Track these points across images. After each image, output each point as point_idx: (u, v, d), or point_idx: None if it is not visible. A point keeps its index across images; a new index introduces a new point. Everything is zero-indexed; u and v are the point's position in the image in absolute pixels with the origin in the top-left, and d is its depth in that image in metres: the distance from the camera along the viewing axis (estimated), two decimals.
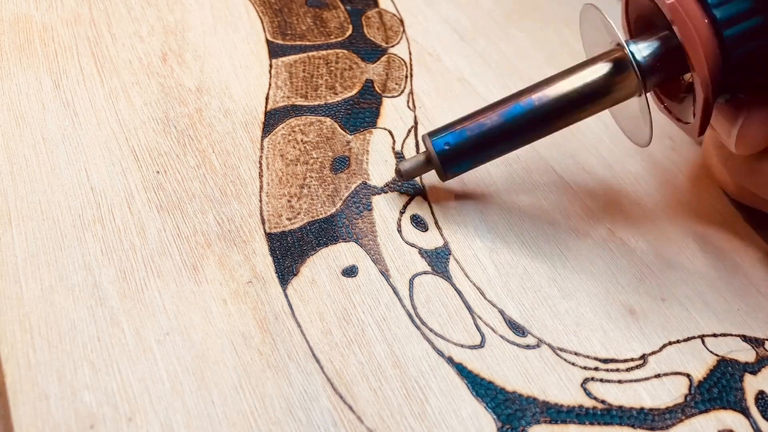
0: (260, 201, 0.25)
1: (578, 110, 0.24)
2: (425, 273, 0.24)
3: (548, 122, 0.25)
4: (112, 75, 0.28)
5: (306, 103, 0.29)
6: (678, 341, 0.24)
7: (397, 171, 0.25)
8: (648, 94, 0.24)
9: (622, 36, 0.24)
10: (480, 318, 0.23)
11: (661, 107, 0.27)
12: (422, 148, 0.28)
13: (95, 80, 0.28)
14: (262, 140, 0.27)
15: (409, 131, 0.29)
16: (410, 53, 0.32)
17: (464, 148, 0.24)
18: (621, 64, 0.24)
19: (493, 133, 0.24)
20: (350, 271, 0.24)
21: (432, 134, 0.25)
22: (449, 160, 0.25)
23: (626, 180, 0.29)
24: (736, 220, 0.29)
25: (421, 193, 0.27)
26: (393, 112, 0.29)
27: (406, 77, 0.31)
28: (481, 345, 0.23)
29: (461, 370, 0.22)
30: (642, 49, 0.24)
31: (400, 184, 0.27)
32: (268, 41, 0.31)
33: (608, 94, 0.24)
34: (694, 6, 0.22)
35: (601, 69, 0.24)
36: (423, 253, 0.25)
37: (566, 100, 0.24)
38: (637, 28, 0.26)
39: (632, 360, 0.24)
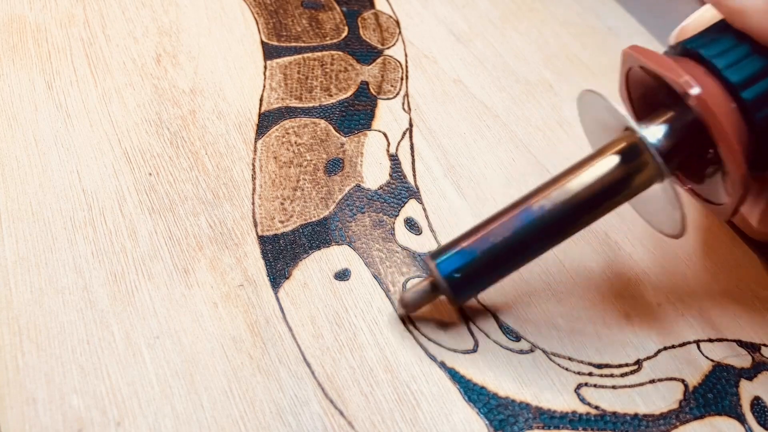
0: (253, 203, 0.25)
1: (596, 209, 0.22)
2: (418, 276, 0.24)
3: (565, 228, 0.22)
4: (106, 76, 0.28)
5: (300, 105, 0.28)
6: (673, 346, 0.24)
7: (402, 302, 0.22)
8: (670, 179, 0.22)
9: (632, 120, 0.21)
10: (473, 322, 0.23)
11: (686, 189, 0.24)
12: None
13: (88, 81, 0.28)
14: (255, 142, 0.27)
15: (404, 133, 0.29)
16: (406, 55, 0.32)
17: (476, 270, 0.21)
18: (635, 150, 0.21)
19: (506, 248, 0.21)
20: (343, 275, 0.24)
21: (435, 256, 0.22)
22: (461, 286, 0.22)
23: None
24: (732, 226, 0.28)
25: (415, 195, 0.26)
26: (388, 114, 0.29)
27: (402, 79, 0.31)
28: (474, 350, 0.23)
29: (454, 375, 0.22)
30: (655, 132, 0.21)
31: (394, 186, 0.26)
32: (263, 42, 0.31)
33: (627, 187, 0.21)
34: (720, 93, 0.20)
35: (614, 160, 0.21)
36: (417, 256, 0.25)
37: (582, 200, 0.21)
38: (642, 108, 0.24)
39: (627, 365, 0.23)
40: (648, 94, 0.23)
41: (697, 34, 0.22)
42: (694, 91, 0.20)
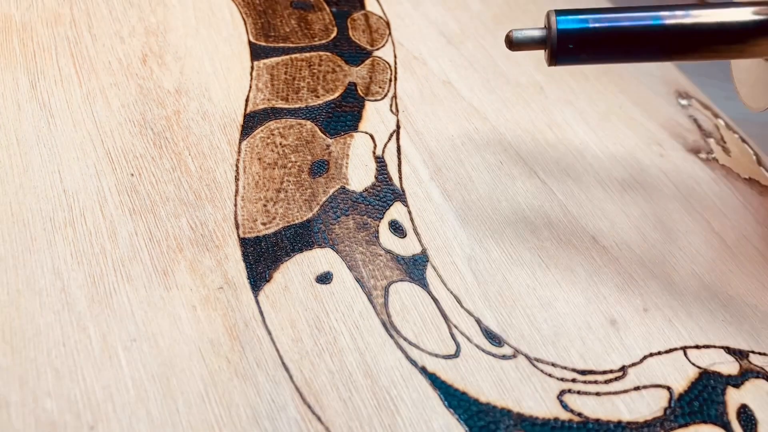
0: (235, 205, 0.25)
1: (717, 48, 0.23)
2: (401, 280, 0.24)
3: (686, 47, 0.23)
4: (91, 76, 0.28)
5: (286, 106, 0.28)
6: (659, 353, 0.24)
7: (508, 38, 0.23)
8: None
9: None
10: (456, 327, 0.23)
11: None
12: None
13: (73, 81, 0.27)
14: (239, 143, 0.27)
15: (391, 135, 0.28)
16: (395, 56, 0.32)
17: (586, 39, 0.22)
18: None
19: (624, 35, 0.22)
20: (324, 278, 0.23)
21: (559, 12, 0.23)
22: (567, 46, 0.22)
23: (612, 187, 0.28)
24: (722, 230, 0.28)
25: (400, 198, 0.26)
26: (375, 116, 0.29)
27: (390, 81, 0.30)
28: (456, 355, 0.22)
29: (434, 381, 0.22)
30: None
31: (379, 189, 0.26)
32: (250, 43, 0.30)
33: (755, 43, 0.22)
34: None
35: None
36: (400, 259, 0.24)
37: (716, 30, 0.22)
38: None
39: (611, 372, 0.23)
40: None
41: None
42: None
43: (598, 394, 0.22)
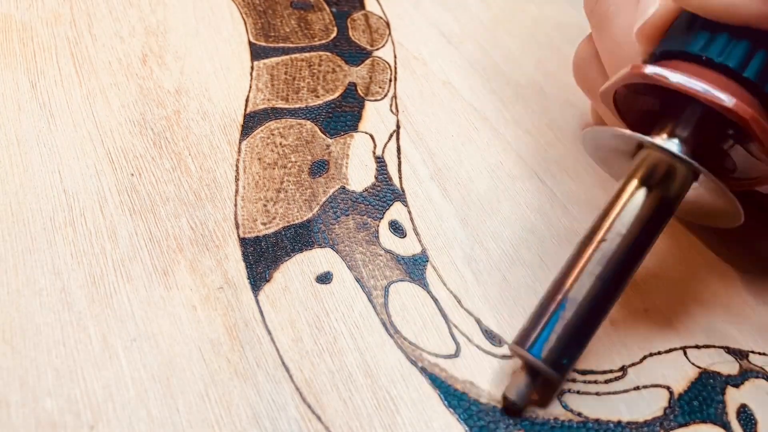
0: (235, 205, 0.25)
1: (653, 235, 0.22)
2: (401, 280, 0.24)
3: (636, 261, 0.22)
4: (91, 76, 0.28)
5: (286, 106, 0.28)
6: (659, 353, 0.24)
7: (509, 404, 0.21)
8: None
9: (645, 137, 0.21)
10: (456, 327, 0.23)
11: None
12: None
13: (73, 81, 0.28)
14: (240, 143, 0.27)
15: (391, 135, 0.28)
16: (395, 56, 0.32)
17: (567, 339, 0.20)
18: (658, 162, 0.21)
19: (588, 306, 0.21)
20: (324, 278, 0.23)
21: (521, 343, 0.21)
22: (558, 361, 0.20)
23: (612, 187, 0.28)
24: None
25: (400, 198, 0.26)
26: (375, 116, 0.29)
27: (390, 81, 0.30)
28: (456, 354, 0.22)
29: (434, 380, 0.22)
30: (667, 140, 0.21)
31: (379, 189, 0.26)
32: (250, 43, 0.30)
33: (670, 201, 0.22)
34: (741, 92, 0.20)
35: (645, 181, 0.22)
36: (400, 259, 0.24)
37: (639, 232, 0.21)
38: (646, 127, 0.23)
39: (611, 372, 0.23)
40: (647, 111, 0.23)
41: (688, 35, 0.21)
42: (729, 102, 0.19)
43: (598, 394, 0.22)
